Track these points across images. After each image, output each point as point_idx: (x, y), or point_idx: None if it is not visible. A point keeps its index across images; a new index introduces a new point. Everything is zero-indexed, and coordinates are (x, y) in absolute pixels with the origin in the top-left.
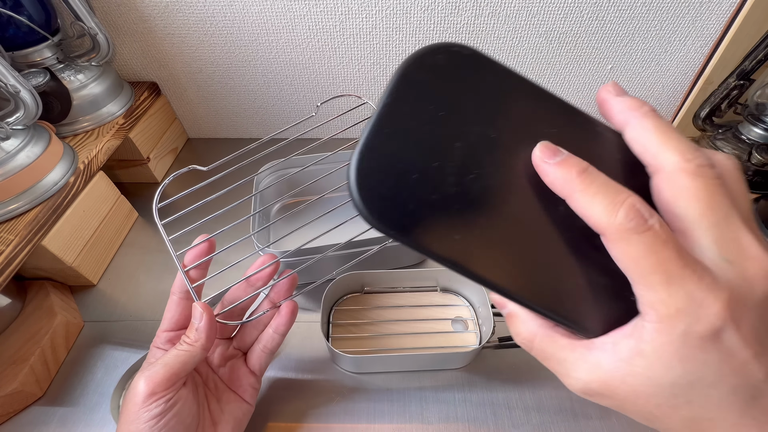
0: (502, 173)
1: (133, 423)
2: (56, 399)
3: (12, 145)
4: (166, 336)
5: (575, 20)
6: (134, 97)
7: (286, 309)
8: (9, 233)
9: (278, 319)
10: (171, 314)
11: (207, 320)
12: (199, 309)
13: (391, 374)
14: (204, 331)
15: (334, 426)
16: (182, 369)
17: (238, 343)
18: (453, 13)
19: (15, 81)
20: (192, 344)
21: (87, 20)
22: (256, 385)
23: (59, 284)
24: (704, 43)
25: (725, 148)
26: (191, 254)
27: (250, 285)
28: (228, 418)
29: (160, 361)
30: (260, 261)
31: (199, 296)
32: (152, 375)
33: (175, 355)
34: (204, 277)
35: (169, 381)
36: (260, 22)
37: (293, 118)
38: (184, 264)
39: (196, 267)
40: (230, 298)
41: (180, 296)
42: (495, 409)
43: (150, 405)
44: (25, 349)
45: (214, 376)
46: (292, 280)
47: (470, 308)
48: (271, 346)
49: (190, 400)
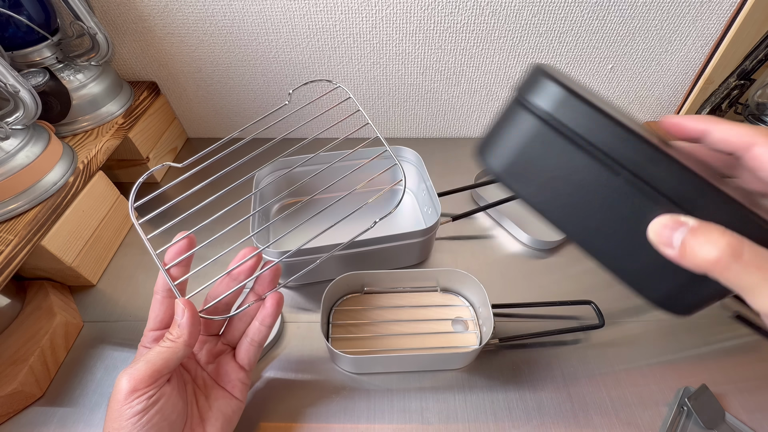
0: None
1: (116, 420)
2: (56, 399)
3: (11, 145)
4: (153, 335)
5: (575, 20)
6: (134, 96)
7: (271, 300)
8: (8, 233)
9: (264, 311)
10: (155, 313)
11: (189, 316)
12: (180, 305)
13: (391, 374)
14: (186, 327)
15: (333, 426)
16: (164, 366)
17: (226, 338)
18: (453, 13)
19: (14, 81)
20: (174, 341)
21: (86, 20)
22: (246, 381)
23: (59, 284)
24: (705, 42)
25: None
26: (171, 252)
27: (232, 279)
28: (217, 414)
29: (143, 358)
30: (241, 254)
31: (183, 293)
32: (134, 372)
33: (158, 352)
34: (186, 274)
35: (151, 378)
36: (260, 21)
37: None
38: (165, 262)
39: (177, 264)
40: (214, 294)
41: (163, 295)
42: (495, 409)
43: (132, 402)
44: (24, 349)
45: (203, 372)
46: (275, 270)
47: (470, 308)
48: (259, 338)
49: (174, 396)
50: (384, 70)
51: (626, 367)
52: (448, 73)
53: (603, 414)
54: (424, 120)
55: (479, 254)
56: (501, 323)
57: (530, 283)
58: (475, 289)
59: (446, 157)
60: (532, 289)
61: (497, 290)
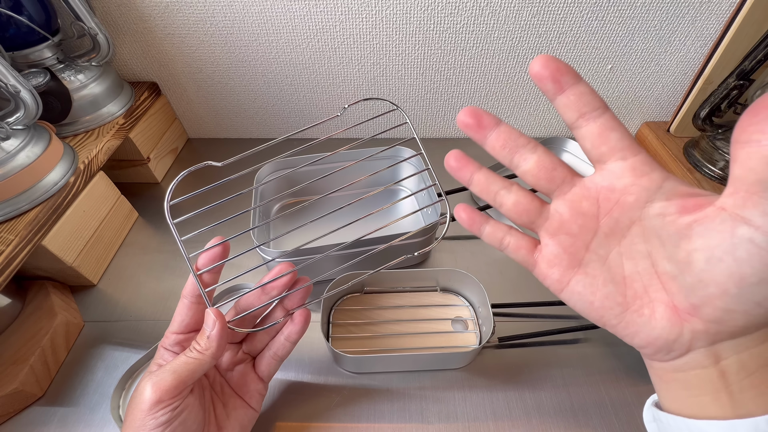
0: None
1: (139, 429)
2: (56, 399)
3: (12, 145)
4: (175, 338)
5: (575, 20)
6: (134, 97)
7: (299, 317)
8: (9, 233)
9: (291, 327)
10: (182, 317)
11: (219, 329)
12: (212, 316)
13: (391, 374)
14: (216, 339)
15: (333, 426)
16: (190, 377)
17: (248, 348)
18: (453, 13)
19: (15, 81)
20: (202, 352)
21: (87, 20)
22: (263, 391)
23: (59, 284)
24: (704, 43)
25: (725, 148)
26: (204, 257)
27: (265, 293)
28: (234, 423)
29: (168, 368)
30: (277, 269)
31: (210, 300)
32: (160, 382)
33: (184, 363)
34: (216, 282)
35: (177, 389)
36: (260, 22)
37: (294, 118)
38: (197, 267)
39: (209, 271)
40: (244, 305)
41: (191, 300)
42: (494, 409)
43: (157, 413)
44: (25, 349)
45: (221, 379)
46: (306, 289)
47: (470, 308)
48: (282, 353)
49: (196, 407)
50: (384, 70)
51: (626, 367)
52: (448, 73)
53: (603, 414)
54: (424, 120)
55: (479, 254)
56: (501, 323)
57: (530, 283)
58: (474, 289)
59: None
60: (531, 289)
61: (497, 290)
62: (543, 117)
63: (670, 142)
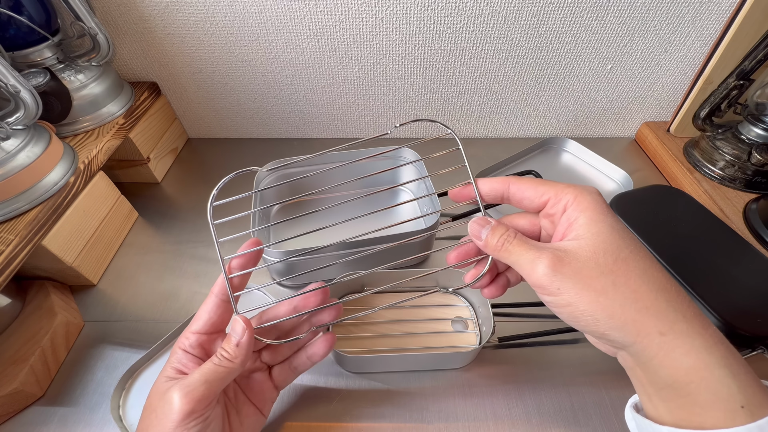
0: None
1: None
2: (56, 399)
3: (12, 145)
4: (197, 339)
5: (575, 20)
6: (134, 97)
7: (325, 340)
8: (9, 233)
9: (315, 348)
10: (209, 316)
11: (249, 337)
12: (241, 323)
13: (391, 374)
14: (245, 347)
15: (333, 425)
16: (220, 386)
17: (268, 358)
18: (453, 13)
19: (15, 81)
20: (232, 360)
21: (87, 20)
22: (275, 399)
23: (59, 284)
24: (704, 43)
25: (725, 148)
26: (238, 261)
27: (295, 308)
28: (247, 431)
29: (199, 377)
30: (310, 287)
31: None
32: (192, 392)
33: (214, 371)
34: (244, 287)
35: (208, 399)
36: (260, 22)
37: (294, 118)
38: (230, 269)
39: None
40: (270, 315)
41: (222, 298)
42: (495, 409)
43: (189, 423)
44: (25, 349)
45: (235, 386)
46: (337, 309)
47: (470, 308)
48: (301, 369)
49: (219, 416)
50: (384, 70)
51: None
52: (448, 73)
53: (603, 414)
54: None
55: None
56: (501, 323)
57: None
58: (474, 289)
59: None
60: (531, 288)
61: None
62: (543, 117)
63: (670, 142)
